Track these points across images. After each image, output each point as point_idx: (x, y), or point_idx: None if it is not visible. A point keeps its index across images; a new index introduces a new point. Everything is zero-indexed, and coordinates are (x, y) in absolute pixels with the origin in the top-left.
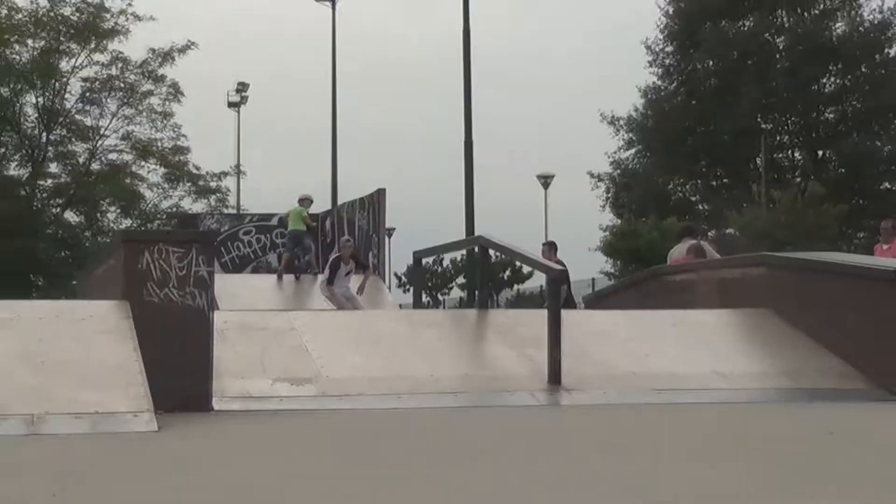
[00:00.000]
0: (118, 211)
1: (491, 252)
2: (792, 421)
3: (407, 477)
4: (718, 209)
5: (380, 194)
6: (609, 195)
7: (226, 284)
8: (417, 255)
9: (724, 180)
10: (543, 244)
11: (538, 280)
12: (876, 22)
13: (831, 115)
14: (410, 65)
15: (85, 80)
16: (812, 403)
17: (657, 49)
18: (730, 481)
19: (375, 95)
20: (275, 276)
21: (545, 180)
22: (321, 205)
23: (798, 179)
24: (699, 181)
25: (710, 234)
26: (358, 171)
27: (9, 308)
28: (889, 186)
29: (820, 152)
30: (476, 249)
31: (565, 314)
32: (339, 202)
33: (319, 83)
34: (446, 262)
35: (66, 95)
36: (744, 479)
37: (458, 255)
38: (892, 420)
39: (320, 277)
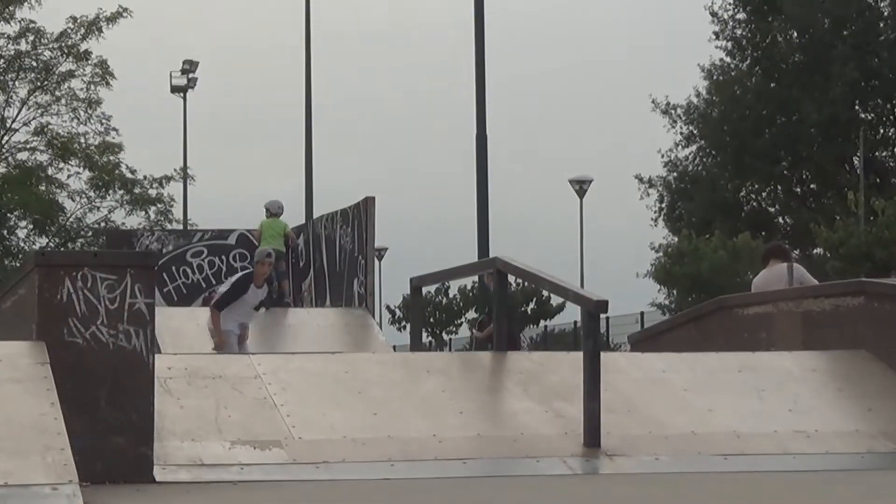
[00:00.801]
0: (31, 226)
1: (511, 278)
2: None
3: None
4: (803, 223)
5: (367, 204)
6: (663, 205)
7: (170, 320)
8: (416, 283)
9: (811, 186)
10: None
11: (571, 314)
12: None
13: None
14: (408, 39)
15: None
16: None
17: (726, 16)
18: None
19: (362, 80)
20: None
21: (580, 186)
22: (293, 218)
23: None
24: (778, 187)
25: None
26: (340, 175)
27: None
28: None
29: None
30: (491, 275)
31: (606, 358)
32: (316, 215)
33: (290, 62)
34: (453, 292)
35: None
36: None
37: (469, 282)
38: None
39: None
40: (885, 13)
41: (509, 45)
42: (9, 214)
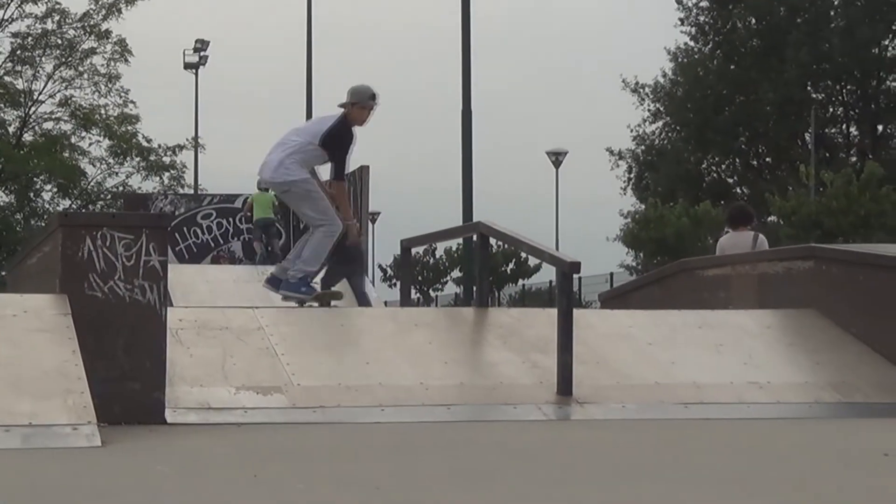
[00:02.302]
0: (55, 190)
1: (492, 241)
2: (840, 440)
3: None
4: (759, 193)
5: (362, 172)
6: (631, 176)
7: (181, 276)
8: (406, 244)
9: (767, 159)
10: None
11: (547, 274)
12: None
13: (894, 84)
14: (400, 20)
15: (15, 35)
16: (864, 420)
17: (690, 4)
18: None
19: (358, 57)
20: (238, 268)
21: (556, 158)
22: None
23: (853, 159)
24: (737, 160)
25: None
26: None
27: None
28: None
29: (880, 127)
30: (475, 238)
31: (578, 314)
32: None
33: (292, 40)
34: (440, 253)
35: None
36: None
37: (454, 244)
38: None
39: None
40: (836, 2)
41: (496, 30)
42: (35, 179)
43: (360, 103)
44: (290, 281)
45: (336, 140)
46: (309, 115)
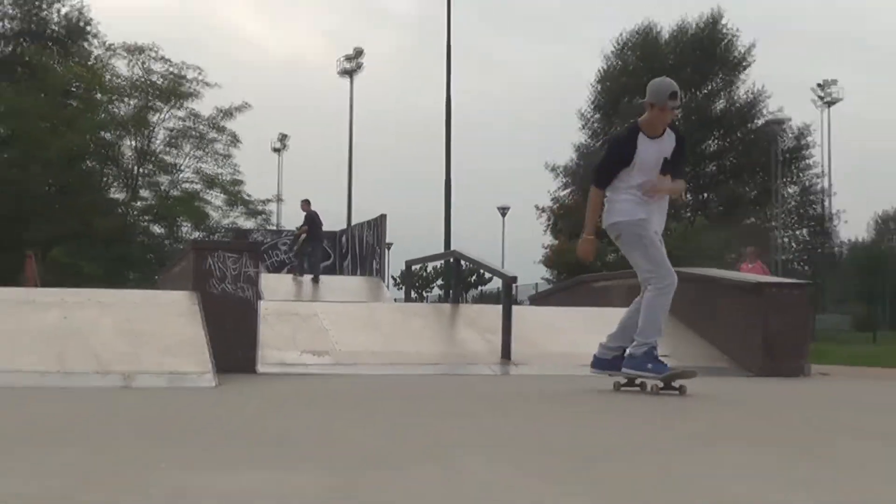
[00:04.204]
0: (191, 226)
1: (462, 262)
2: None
3: (398, 424)
4: None
5: (382, 218)
6: (549, 223)
7: (267, 282)
8: (409, 263)
9: None
10: None
11: (497, 283)
12: (748, 100)
13: (713, 168)
14: (412, 123)
15: (168, 129)
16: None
17: (588, 116)
18: (619, 435)
19: (385, 143)
20: (303, 276)
21: (503, 210)
22: (339, 224)
23: (689, 215)
24: None
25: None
26: (368, 200)
27: (110, 295)
28: (753, 220)
29: (705, 195)
30: (451, 260)
31: (515, 310)
32: (353, 223)
33: (340, 131)
34: (429, 269)
35: (154, 140)
36: (632, 432)
37: (438, 263)
38: (748, 390)
39: None
40: (679, 116)
41: (472, 114)
42: (178, 219)
43: (658, 104)
44: (634, 355)
45: (609, 143)
46: (350, 180)
